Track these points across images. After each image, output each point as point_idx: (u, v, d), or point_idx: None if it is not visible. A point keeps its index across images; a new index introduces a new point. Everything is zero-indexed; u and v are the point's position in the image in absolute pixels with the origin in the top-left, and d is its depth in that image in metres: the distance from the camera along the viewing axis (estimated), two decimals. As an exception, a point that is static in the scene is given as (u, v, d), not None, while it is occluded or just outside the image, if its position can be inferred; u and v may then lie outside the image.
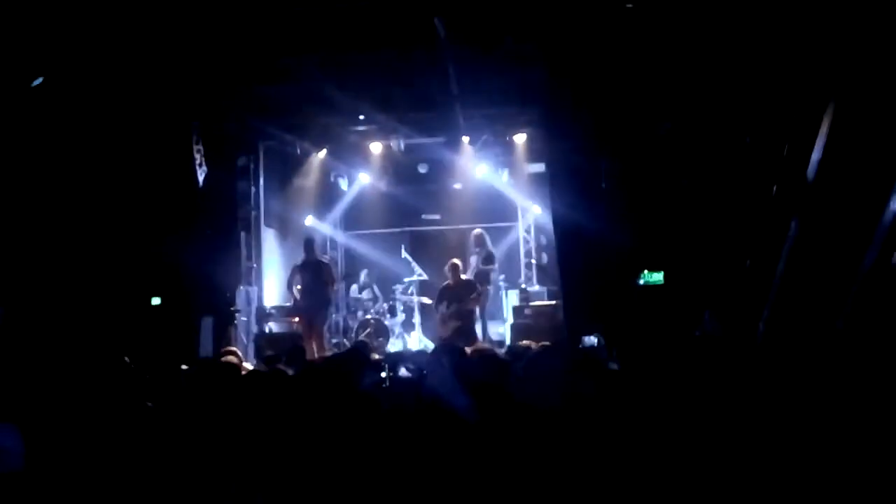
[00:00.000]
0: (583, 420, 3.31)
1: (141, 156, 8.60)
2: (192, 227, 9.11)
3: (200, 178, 9.46)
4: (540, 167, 10.68)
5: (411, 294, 11.03)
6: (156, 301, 8.78)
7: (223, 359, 5.87)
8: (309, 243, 9.95)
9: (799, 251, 7.11)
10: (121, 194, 8.36)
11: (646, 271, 8.80)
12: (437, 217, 11.70)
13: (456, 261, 9.92)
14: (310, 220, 11.62)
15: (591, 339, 5.96)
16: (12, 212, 7.45)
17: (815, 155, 6.99)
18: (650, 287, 8.76)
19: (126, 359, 4.85)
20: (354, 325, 11.01)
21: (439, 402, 3.45)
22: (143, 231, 8.51)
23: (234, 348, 7.18)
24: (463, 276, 9.81)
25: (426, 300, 10.96)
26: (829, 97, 6.85)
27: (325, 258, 9.94)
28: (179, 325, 8.43)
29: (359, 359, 4.78)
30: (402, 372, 5.02)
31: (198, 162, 9.45)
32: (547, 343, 6.90)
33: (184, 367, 5.39)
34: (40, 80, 7.73)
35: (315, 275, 9.63)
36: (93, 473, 2.76)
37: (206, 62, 8.75)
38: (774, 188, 7.48)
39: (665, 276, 8.70)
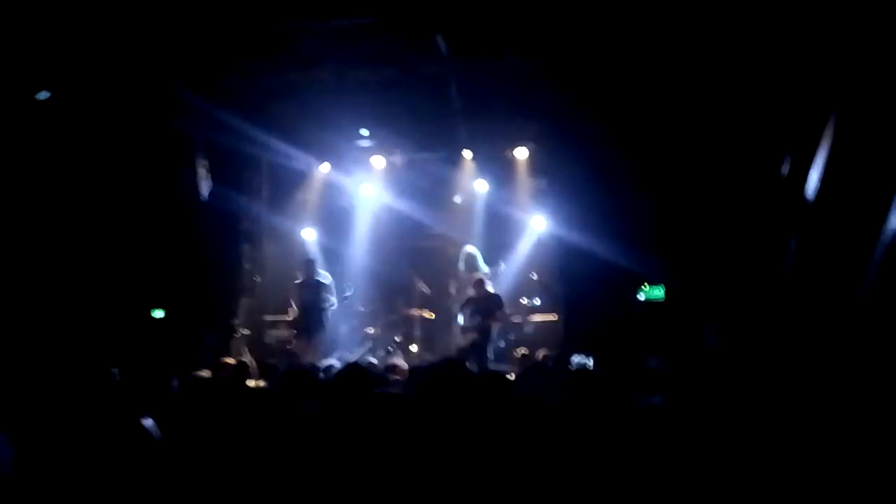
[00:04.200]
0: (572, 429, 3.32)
1: (145, 169, 8.68)
2: (195, 240, 9.18)
3: (204, 192, 9.54)
4: (541, 182, 10.73)
5: (412, 307, 11.05)
6: (158, 313, 8.82)
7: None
8: (308, 263, 9.99)
9: (799, 268, 7.11)
10: (125, 207, 8.42)
11: (646, 285, 8.79)
12: (438, 232, 11.72)
13: (481, 275, 9.90)
14: (312, 234, 11.67)
15: (581, 359, 5.94)
16: (15, 222, 7.52)
17: (816, 173, 7.01)
18: (651, 303, 8.76)
19: (117, 370, 4.89)
20: (356, 339, 11.02)
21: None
22: (145, 243, 8.57)
23: (230, 360, 7.20)
24: (489, 290, 9.76)
25: (427, 314, 10.98)
26: (830, 115, 6.87)
27: (324, 278, 9.96)
28: (181, 337, 8.45)
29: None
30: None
31: (202, 176, 9.53)
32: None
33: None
34: (47, 94, 7.82)
35: (313, 294, 9.67)
36: (80, 479, 2.79)
37: (211, 77, 8.84)
38: (775, 205, 7.50)
39: (666, 292, 8.70)
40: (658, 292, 8.74)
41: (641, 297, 8.77)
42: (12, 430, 3.04)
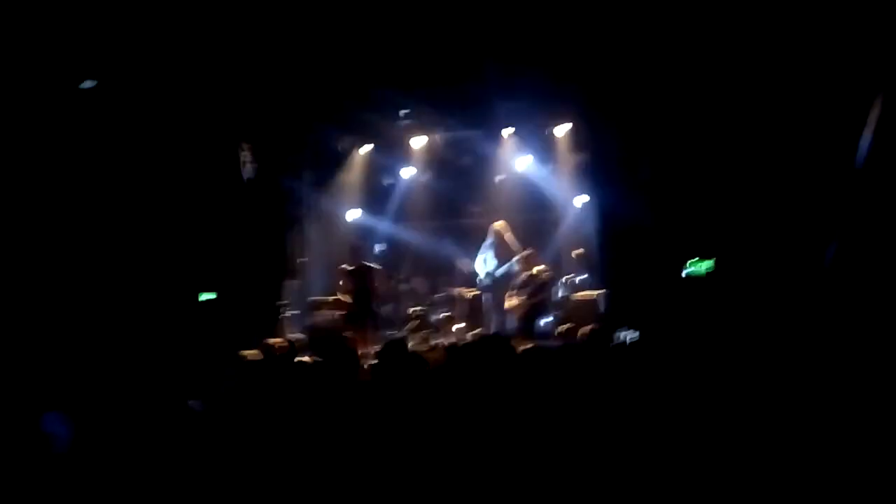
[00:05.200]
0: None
1: (189, 154, 8.82)
2: (240, 223, 9.32)
3: (247, 175, 9.67)
4: (583, 157, 10.62)
5: (456, 287, 11.09)
6: (208, 296, 9.00)
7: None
8: (356, 249, 10.08)
9: (850, 240, 6.96)
10: (170, 192, 8.58)
11: (692, 261, 8.68)
12: (480, 210, 11.72)
13: (529, 251, 9.92)
14: (354, 215, 11.77)
15: (625, 334, 5.92)
16: (65, 209, 7.73)
17: (865, 143, 6.83)
18: (696, 278, 8.65)
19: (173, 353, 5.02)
20: (400, 318, 11.11)
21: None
22: (192, 228, 8.73)
23: (278, 340, 7.30)
24: (536, 268, 9.78)
25: (470, 292, 11.00)
26: (880, 86, 6.68)
27: (373, 263, 10.04)
28: (227, 320, 8.61)
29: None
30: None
31: (245, 159, 9.65)
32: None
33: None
34: (92, 83, 8.00)
35: (362, 279, 9.76)
36: (134, 458, 2.89)
37: (251, 60, 8.92)
38: (825, 182, 7.33)
39: (713, 266, 8.58)
40: (703, 267, 8.62)
41: (686, 271, 8.67)
42: (70, 410, 3.16)
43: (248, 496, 2.96)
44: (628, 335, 5.86)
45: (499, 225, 10.36)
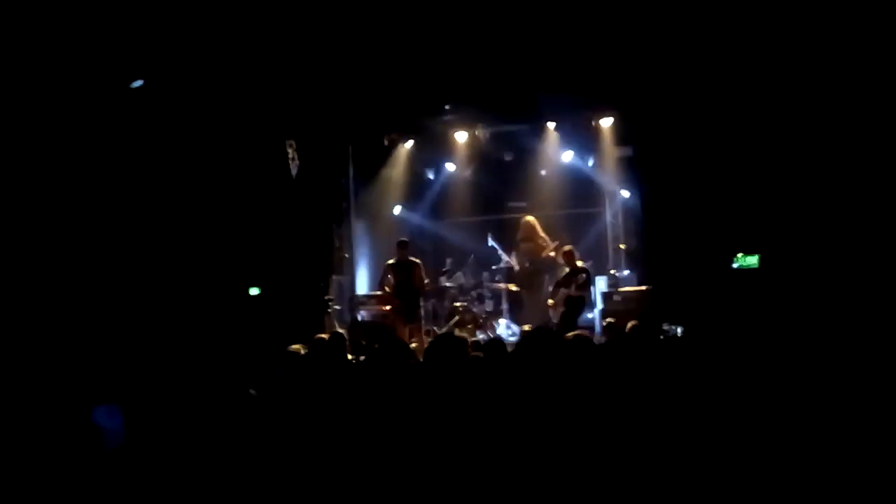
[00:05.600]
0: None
1: (237, 152, 8.96)
2: (285, 220, 9.45)
3: (294, 171, 9.78)
4: (627, 151, 10.52)
5: (499, 281, 11.07)
6: (253, 291, 9.15)
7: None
8: (402, 244, 10.13)
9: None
10: (218, 189, 8.74)
11: (740, 255, 8.56)
12: (523, 204, 11.68)
13: (568, 247, 9.89)
14: (398, 211, 11.83)
15: (671, 329, 5.85)
16: (119, 205, 7.92)
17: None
18: (745, 271, 8.53)
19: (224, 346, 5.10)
20: (443, 312, 11.13)
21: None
22: (241, 225, 8.88)
23: (324, 335, 7.37)
24: (579, 263, 9.75)
25: (514, 287, 10.98)
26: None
27: (417, 259, 10.10)
28: (275, 315, 8.73)
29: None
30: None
31: (290, 156, 9.76)
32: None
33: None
34: (141, 83, 8.17)
35: (407, 274, 9.81)
36: (190, 452, 2.95)
37: (295, 58, 9.02)
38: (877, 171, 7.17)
39: (761, 260, 8.45)
40: (752, 260, 8.49)
41: (735, 265, 8.54)
42: (125, 404, 3.22)
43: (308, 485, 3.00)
44: (677, 329, 5.80)
45: (529, 219, 10.39)
